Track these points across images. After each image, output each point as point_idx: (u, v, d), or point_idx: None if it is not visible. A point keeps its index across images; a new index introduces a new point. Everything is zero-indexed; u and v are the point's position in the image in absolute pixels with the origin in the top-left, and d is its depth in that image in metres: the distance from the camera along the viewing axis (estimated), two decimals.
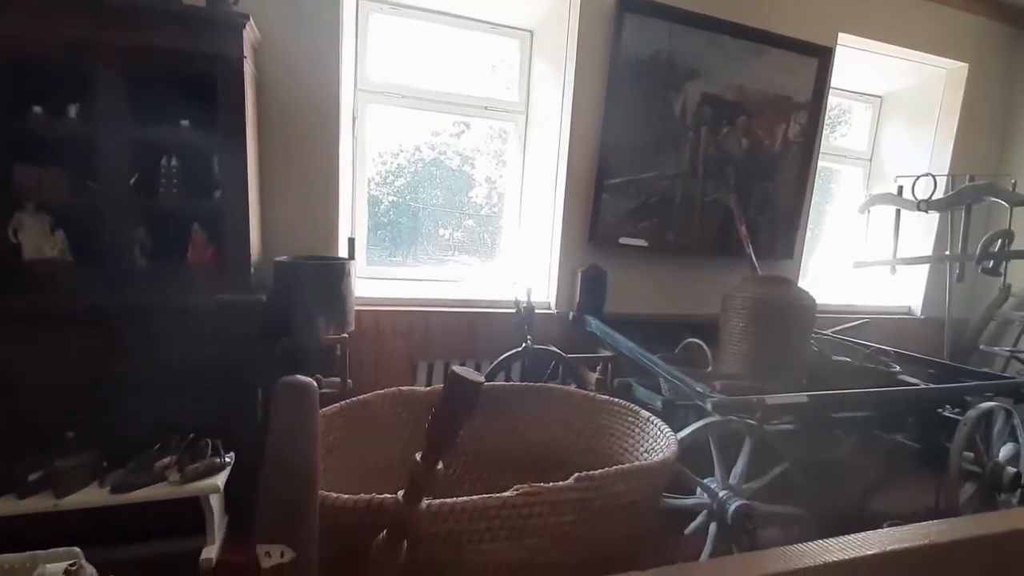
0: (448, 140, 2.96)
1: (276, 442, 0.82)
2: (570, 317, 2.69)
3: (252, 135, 1.98)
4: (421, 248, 2.99)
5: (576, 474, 1.29)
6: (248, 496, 1.02)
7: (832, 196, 3.88)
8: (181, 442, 1.79)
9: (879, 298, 3.67)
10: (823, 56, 2.99)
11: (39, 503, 1.59)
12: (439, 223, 3.02)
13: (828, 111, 3.21)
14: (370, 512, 1.10)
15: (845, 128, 3.84)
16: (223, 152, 1.87)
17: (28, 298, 1.72)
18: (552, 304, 2.77)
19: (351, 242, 2.29)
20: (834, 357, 2.52)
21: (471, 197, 3.05)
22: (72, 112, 1.76)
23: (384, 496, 1.11)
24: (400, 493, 0.96)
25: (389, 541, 0.93)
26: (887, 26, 3.12)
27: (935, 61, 3.35)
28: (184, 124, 1.85)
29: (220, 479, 1.75)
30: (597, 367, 2.45)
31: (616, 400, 1.88)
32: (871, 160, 3.79)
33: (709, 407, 1.75)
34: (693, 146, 2.80)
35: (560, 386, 2.08)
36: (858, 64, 3.31)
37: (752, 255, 2.65)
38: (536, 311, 2.50)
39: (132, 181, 1.80)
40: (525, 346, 2.40)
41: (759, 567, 0.53)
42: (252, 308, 1.90)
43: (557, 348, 2.45)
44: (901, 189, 3.26)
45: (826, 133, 3.32)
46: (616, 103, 2.62)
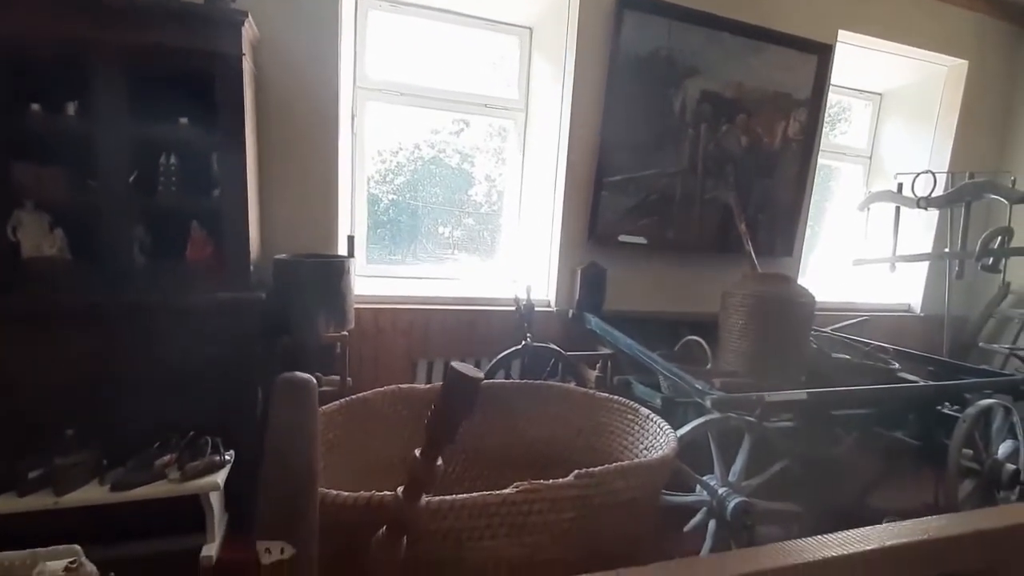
0: (447, 138, 2.96)
1: (275, 438, 0.82)
2: (570, 315, 2.69)
3: (251, 133, 1.98)
4: (421, 246, 2.98)
5: (576, 471, 1.29)
6: (248, 494, 1.02)
7: (832, 193, 3.88)
8: (181, 440, 1.79)
9: (879, 295, 3.67)
10: (823, 53, 2.98)
11: (39, 501, 1.59)
12: (439, 221, 3.02)
13: (828, 108, 3.21)
14: (370, 509, 1.11)
15: (845, 126, 3.84)
16: (222, 150, 1.86)
17: (27, 296, 1.72)
18: (552, 302, 2.77)
19: (350, 240, 2.29)
20: (833, 354, 2.53)
21: (471, 195, 3.05)
22: (71, 110, 1.75)
23: (384, 493, 1.11)
24: (400, 489, 0.96)
25: (389, 537, 0.94)
26: (887, 23, 3.12)
27: (935, 58, 3.34)
28: (183, 122, 1.84)
29: (220, 477, 1.75)
30: (597, 365, 2.45)
31: (616, 397, 1.88)
32: (871, 157, 3.78)
33: (709, 404, 1.75)
34: (693, 143, 2.80)
35: (560, 384, 2.08)
36: (858, 61, 3.30)
37: (752, 252, 2.65)
38: (536, 309, 2.50)
39: (131, 179, 1.79)
40: (525, 344, 2.40)
41: (757, 563, 0.53)
42: (251, 306, 1.90)
43: (557, 346, 2.45)
44: (901, 186, 3.26)
45: (826, 131, 3.32)
46: (616, 100, 2.62)
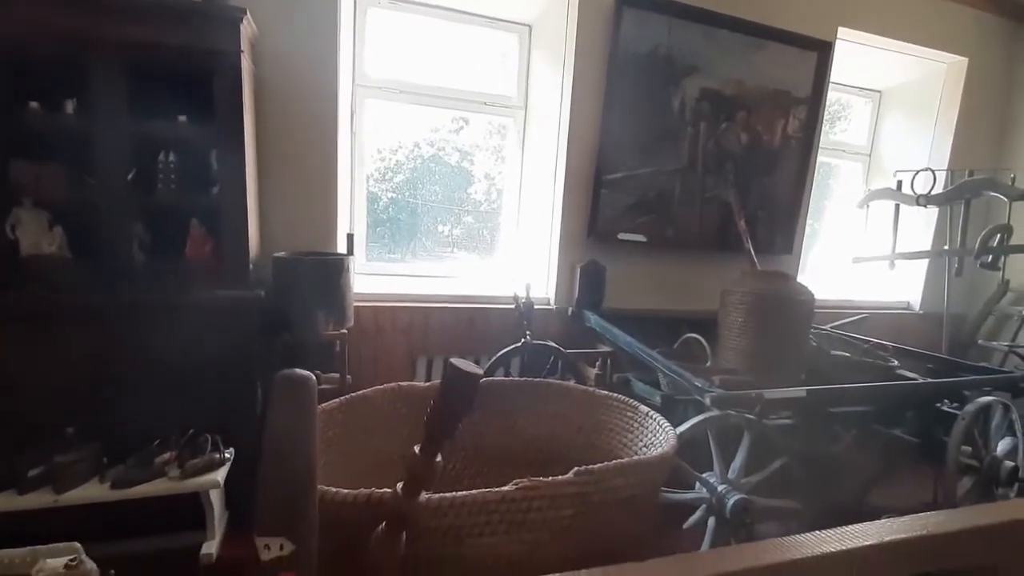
0: (447, 136, 2.95)
1: (275, 435, 0.82)
2: (569, 312, 2.69)
3: (250, 130, 1.98)
4: (420, 244, 2.98)
5: (575, 468, 1.29)
6: (248, 491, 1.02)
7: (831, 191, 3.88)
8: (181, 438, 1.79)
9: (878, 293, 3.67)
10: (822, 50, 2.98)
11: (39, 499, 1.59)
12: (438, 219, 3.02)
13: (828, 106, 3.21)
14: (370, 506, 1.11)
15: (845, 124, 3.83)
16: (221, 147, 1.86)
17: (26, 294, 1.72)
18: (551, 300, 2.77)
19: (350, 238, 2.29)
20: (833, 352, 2.53)
21: (470, 193, 3.05)
22: (69, 108, 1.75)
23: (384, 491, 1.11)
24: (399, 486, 0.96)
25: (388, 533, 0.94)
26: (887, 20, 3.12)
27: (935, 55, 3.34)
28: (182, 120, 1.84)
29: (220, 475, 1.75)
30: (596, 362, 2.45)
31: (615, 395, 1.88)
32: (870, 155, 3.78)
33: (708, 402, 1.75)
34: (692, 141, 2.80)
35: (559, 381, 2.08)
36: (857, 59, 3.30)
37: (751, 250, 2.64)
38: (535, 307, 2.50)
39: (130, 177, 1.79)
40: (524, 341, 2.40)
41: (756, 558, 0.53)
42: (251, 304, 1.90)
43: (556, 343, 2.45)
44: (900, 184, 3.26)
45: (825, 129, 3.31)
46: (615, 98, 2.61)
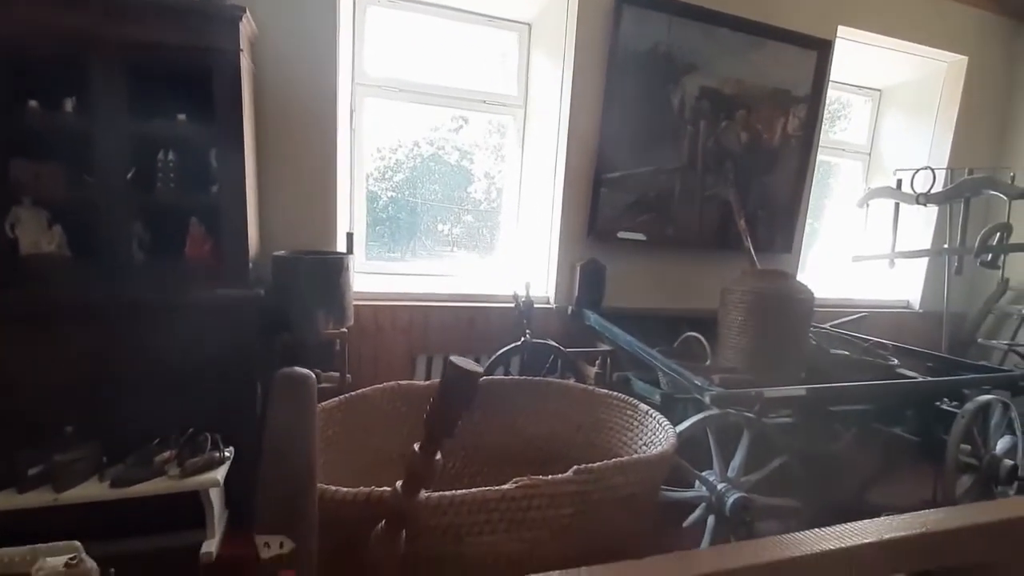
0: (446, 135, 2.95)
1: (274, 432, 0.82)
2: (569, 311, 2.69)
3: (249, 129, 1.98)
4: (420, 243, 2.98)
5: (575, 467, 1.29)
6: (248, 490, 1.03)
7: (831, 190, 3.88)
8: (180, 436, 1.79)
9: (878, 292, 3.67)
10: (822, 49, 2.98)
11: (39, 497, 1.59)
12: (438, 218, 3.02)
13: (828, 105, 3.20)
14: (369, 505, 1.11)
15: (844, 123, 3.83)
16: (220, 146, 1.86)
17: (26, 293, 1.72)
18: (551, 298, 2.77)
19: (349, 237, 2.29)
20: (832, 350, 2.53)
21: (470, 192, 3.05)
22: (68, 106, 1.75)
23: (383, 489, 1.11)
24: (399, 484, 0.96)
25: (387, 531, 0.94)
26: (887, 19, 3.11)
27: (935, 54, 3.33)
28: (181, 118, 1.84)
29: (220, 473, 1.75)
30: (596, 361, 2.45)
31: (615, 394, 1.88)
32: (870, 154, 3.78)
33: (708, 400, 1.75)
34: (692, 140, 2.80)
35: (559, 380, 2.08)
36: (857, 57, 3.29)
37: (751, 249, 2.64)
38: (535, 305, 2.50)
39: (129, 176, 1.79)
40: (524, 340, 2.40)
41: (755, 555, 0.53)
42: (250, 303, 1.90)
43: (556, 342, 2.45)
44: (900, 182, 3.26)
45: (825, 128, 3.31)
46: (615, 96, 2.61)
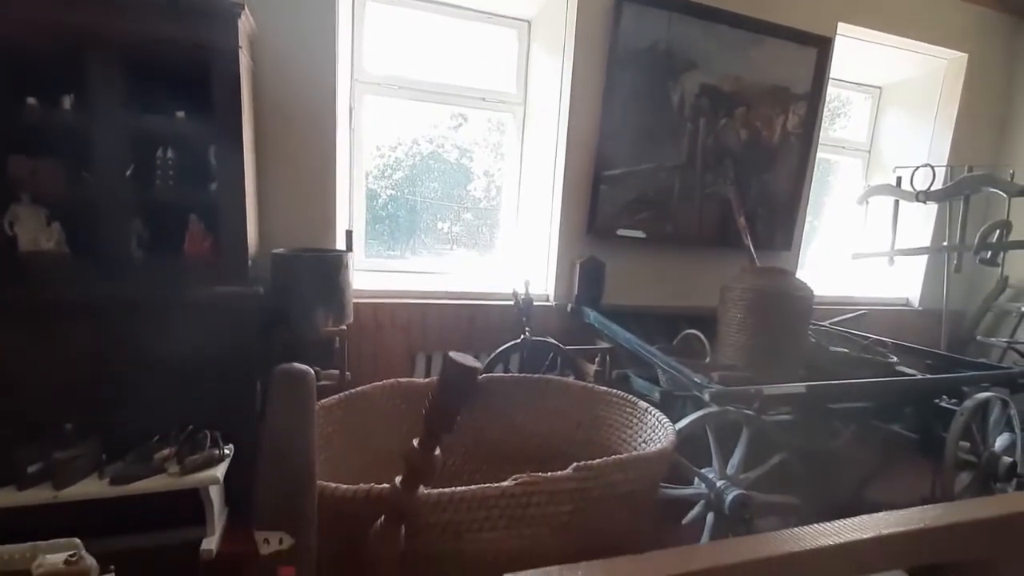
0: (446, 133, 2.95)
1: (273, 429, 0.82)
2: (568, 309, 2.69)
3: (248, 126, 1.97)
4: (420, 242, 2.98)
5: (574, 464, 1.29)
6: (248, 488, 1.03)
7: (831, 187, 3.87)
8: (180, 434, 1.79)
9: (877, 289, 3.67)
10: (822, 46, 2.97)
11: (38, 495, 1.59)
12: (437, 216, 3.01)
13: (828, 103, 3.20)
14: (369, 502, 1.11)
15: (844, 120, 3.83)
16: (219, 143, 1.85)
17: (25, 291, 1.71)
18: (550, 296, 2.77)
19: (348, 234, 2.29)
20: (832, 348, 2.53)
21: (469, 190, 3.04)
22: (67, 103, 1.74)
23: (383, 486, 1.11)
24: (398, 479, 0.96)
25: (387, 527, 0.94)
26: (887, 16, 3.11)
27: (935, 51, 3.33)
28: (180, 115, 1.83)
29: (219, 471, 1.75)
30: (595, 359, 2.45)
31: (614, 391, 1.88)
32: (870, 151, 3.78)
33: (707, 398, 1.75)
34: (691, 137, 2.79)
35: (558, 377, 2.08)
36: (857, 55, 3.29)
37: (750, 246, 2.64)
38: (534, 303, 2.50)
39: (128, 173, 1.78)
40: (523, 338, 2.40)
41: (753, 551, 0.53)
42: (250, 300, 1.90)
43: (555, 340, 2.45)
44: (900, 180, 3.25)
45: (825, 126, 3.31)
46: (614, 94, 2.61)
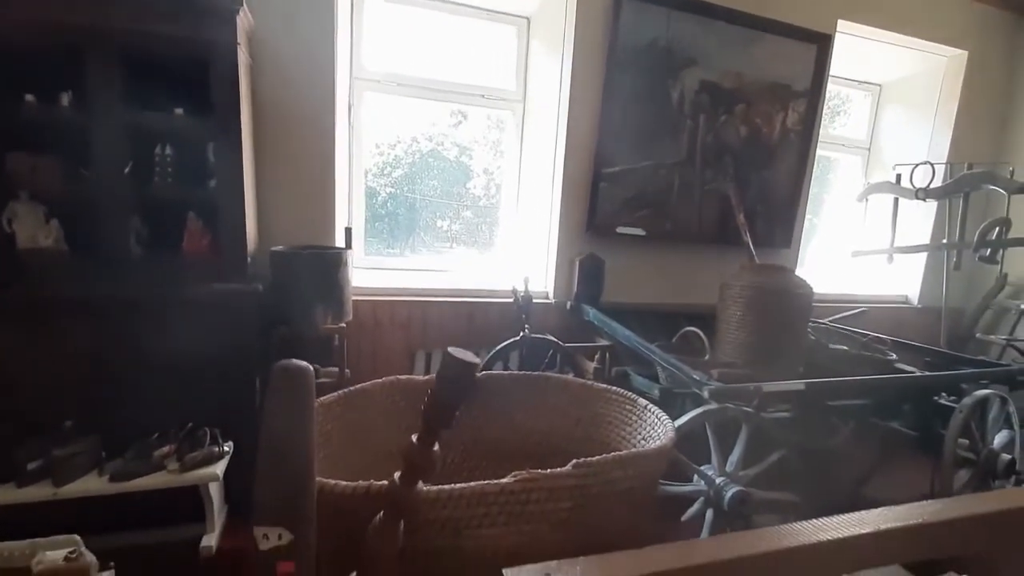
0: (446, 131, 2.94)
1: (272, 424, 0.82)
2: (568, 306, 2.69)
3: (247, 123, 1.97)
4: (419, 239, 2.98)
5: (574, 461, 1.29)
6: (248, 485, 1.03)
7: (830, 185, 3.87)
8: (180, 431, 1.79)
9: (876, 287, 3.68)
10: (822, 43, 2.97)
11: (38, 492, 1.59)
12: (437, 214, 3.01)
13: (828, 100, 3.20)
14: (368, 498, 1.10)
15: (844, 118, 3.82)
16: (218, 140, 1.85)
17: (23, 288, 1.71)
18: (550, 293, 2.77)
19: (348, 232, 2.28)
20: (831, 345, 2.53)
21: (469, 188, 3.04)
22: (65, 100, 1.74)
23: (382, 483, 1.11)
24: (396, 475, 0.96)
25: (385, 522, 0.94)
26: (887, 13, 3.10)
27: (935, 48, 3.32)
28: (178, 112, 1.83)
29: (219, 468, 1.75)
30: (595, 356, 2.45)
31: (614, 388, 1.88)
32: (870, 148, 3.77)
33: (706, 395, 1.75)
34: (691, 134, 2.79)
35: (558, 375, 2.08)
36: (857, 52, 3.28)
37: (750, 244, 2.64)
38: (534, 300, 2.50)
39: (126, 170, 1.78)
40: (523, 335, 2.40)
41: (752, 546, 0.53)
42: (249, 298, 1.90)
43: (555, 337, 2.45)
44: (899, 177, 3.25)
45: (825, 123, 3.30)
46: (614, 91, 2.60)
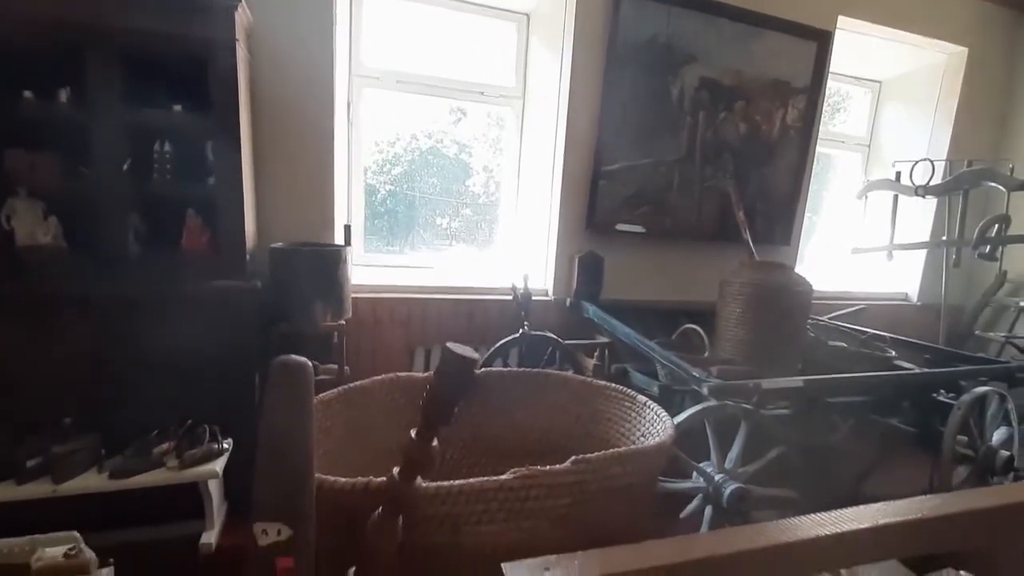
0: (445, 128, 2.94)
1: (272, 420, 0.82)
2: (567, 303, 2.69)
3: (246, 120, 1.96)
4: (419, 237, 2.98)
5: (573, 457, 1.29)
6: (247, 482, 1.03)
7: (830, 182, 3.87)
8: (179, 428, 1.79)
9: (876, 284, 3.68)
10: (822, 40, 2.96)
11: (38, 489, 1.59)
12: (436, 212, 3.01)
13: (828, 97, 3.19)
14: (368, 495, 1.11)
15: (844, 115, 3.82)
16: (216, 137, 1.85)
17: (22, 285, 1.71)
18: (549, 291, 2.76)
19: (347, 229, 2.28)
20: (830, 343, 2.53)
21: (468, 186, 3.04)
22: (63, 97, 1.73)
23: (381, 479, 1.11)
24: (395, 470, 0.96)
25: (384, 518, 0.94)
26: (887, 9, 3.09)
27: (935, 45, 3.32)
28: (176, 109, 1.82)
29: (218, 465, 1.75)
30: (594, 353, 2.45)
31: (613, 385, 1.88)
32: (869, 146, 3.77)
33: (705, 392, 1.75)
34: (691, 131, 2.79)
35: (557, 372, 2.09)
36: (857, 49, 3.28)
37: (749, 241, 2.64)
38: (533, 298, 2.50)
39: (125, 167, 1.78)
40: (522, 332, 2.40)
41: (751, 540, 0.53)
42: (248, 295, 1.89)
43: (554, 334, 2.45)
44: (899, 174, 3.25)
45: (825, 120, 3.30)
46: (614, 87, 2.60)
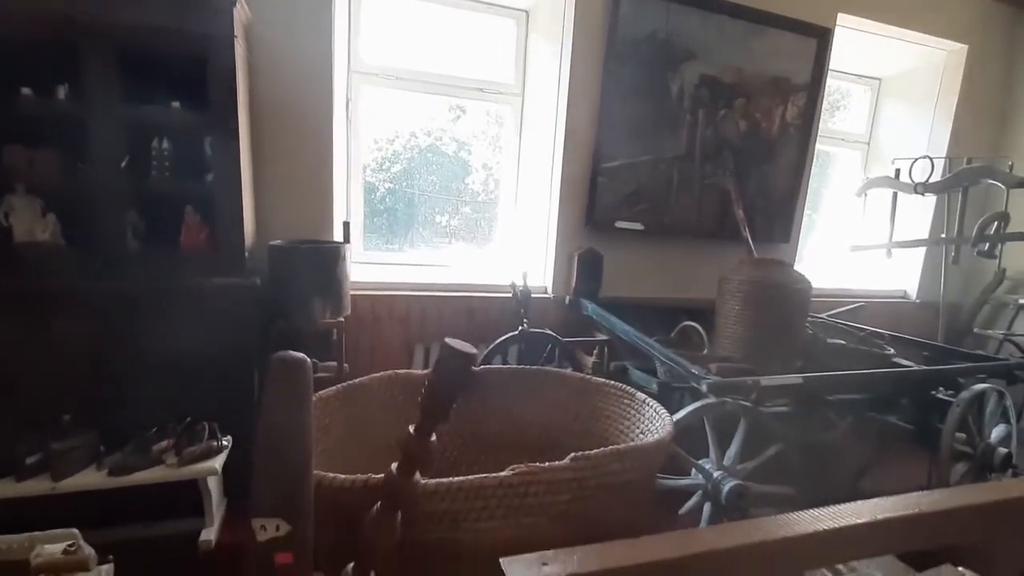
0: (444, 126, 2.93)
1: (270, 416, 0.82)
2: (566, 301, 2.69)
3: (244, 117, 1.96)
4: (418, 235, 2.97)
5: (572, 454, 1.29)
6: (246, 479, 1.03)
7: (829, 179, 3.87)
8: (178, 425, 1.79)
9: (875, 282, 3.68)
10: (822, 37, 2.96)
11: (37, 486, 1.59)
12: (436, 210, 3.00)
13: (827, 95, 3.19)
14: (367, 491, 1.11)
15: (844, 113, 3.82)
16: (215, 134, 1.84)
17: (20, 282, 1.71)
18: (548, 288, 2.76)
19: (346, 226, 2.28)
20: (829, 340, 2.53)
21: (468, 184, 3.03)
22: (61, 93, 1.73)
23: (380, 476, 1.11)
24: (394, 466, 0.96)
25: (383, 514, 0.94)
26: (886, 6, 3.09)
27: (935, 43, 3.31)
28: (175, 106, 1.82)
29: (218, 462, 1.75)
30: (593, 350, 2.45)
31: (612, 383, 1.88)
32: (869, 143, 3.77)
33: (704, 389, 1.75)
34: (691, 128, 2.78)
35: (556, 369, 2.09)
36: (857, 46, 3.27)
37: (749, 238, 2.64)
38: (532, 295, 2.50)
39: (123, 164, 1.77)
40: (521, 330, 2.40)
41: (749, 535, 0.53)
42: (247, 292, 1.89)
43: (553, 332, 2.45)
44: (898, 172, 3.25)
45: (824, 118, 3.29)
46: (613, 84, 2.59)
